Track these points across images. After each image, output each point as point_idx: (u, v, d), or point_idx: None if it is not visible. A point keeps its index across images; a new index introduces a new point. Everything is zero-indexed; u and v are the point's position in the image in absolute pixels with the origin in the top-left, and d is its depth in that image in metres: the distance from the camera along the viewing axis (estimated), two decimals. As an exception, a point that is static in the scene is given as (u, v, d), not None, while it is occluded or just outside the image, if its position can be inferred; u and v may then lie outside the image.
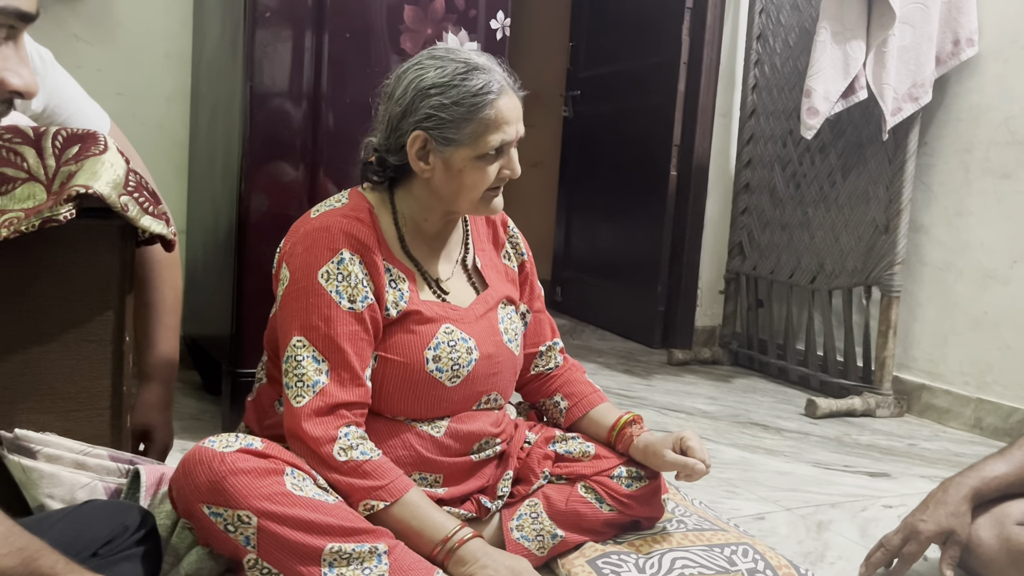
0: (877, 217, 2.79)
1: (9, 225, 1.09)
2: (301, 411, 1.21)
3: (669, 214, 3.52)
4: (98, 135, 1.17)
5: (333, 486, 1.20)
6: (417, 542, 1.21)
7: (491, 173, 1.30)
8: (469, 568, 1.20)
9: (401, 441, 1.31)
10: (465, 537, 1.22)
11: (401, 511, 1.21)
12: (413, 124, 1.28)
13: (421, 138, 1.28)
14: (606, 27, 3.93)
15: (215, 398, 2.33)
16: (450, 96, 1.26)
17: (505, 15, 2.10)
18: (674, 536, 1.47)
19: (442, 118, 1.26)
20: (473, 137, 1.27)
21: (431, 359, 1.31)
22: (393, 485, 1.22)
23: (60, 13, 2.40)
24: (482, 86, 1.26)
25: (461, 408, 1.37)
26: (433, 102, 1.26)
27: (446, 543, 1.21)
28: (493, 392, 1.41)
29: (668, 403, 2.74)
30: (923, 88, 2.64)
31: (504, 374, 1.42)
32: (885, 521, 1.82)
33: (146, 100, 2.55)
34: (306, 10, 1.93)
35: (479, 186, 1.30)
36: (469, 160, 1.28)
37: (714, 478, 2.03)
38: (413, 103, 1.28)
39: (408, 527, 1.21)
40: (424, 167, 1.30)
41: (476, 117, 1.26)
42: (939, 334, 2.80)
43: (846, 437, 2.50)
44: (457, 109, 1.26)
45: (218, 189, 2.18)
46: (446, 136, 1.27)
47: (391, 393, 1.30)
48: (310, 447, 1.20)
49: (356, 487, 1.20)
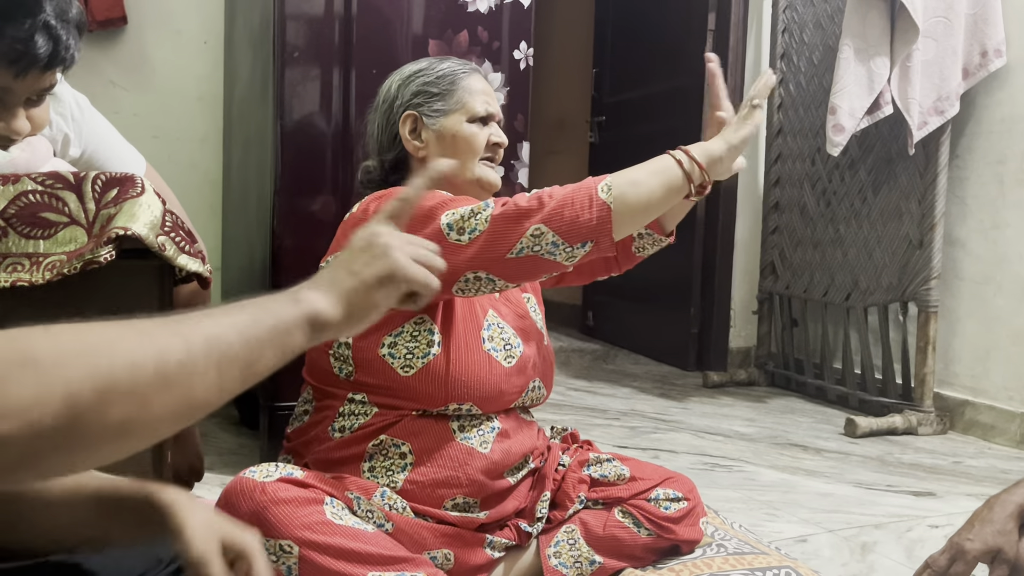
0: (911, 232, 2.76)
1: (52, 268, 1.12)
2: (496, 210, 1.18)
3: (699, 235, 3.51)
4: (135, 178, 1.20)
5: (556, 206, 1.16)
6: (661, 172, 1.25)
7: (482, 137, 1.39)
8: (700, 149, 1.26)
9: (448, 459, 1.31)
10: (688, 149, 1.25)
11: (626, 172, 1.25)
12: (402, 108, 1.40)
13: (411, 117, 1.39)
14: (629, 52, 3.96)
15: (253, 432, 2.35)
16: (431, 74, 1.40)
17: (528, 45, 2.12)
18: (715, 561, 1.46)
19: (429, 92, 1.39)
20: (460, 103, 1.39)
21: (487, 339, 1.33)
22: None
23: (97, 61, 2.48)
24: (457, 66, 1.42)
25: (515, 393, 1.37)
26: (418, 81, 1.40)
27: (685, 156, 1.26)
28: (537, 378, 1.42)
29: (705, 426, 2.72)
30: (948, 101, 2.62)
31: (544, 362, 1.44)
32: (931, 541, 1.78)
33: (180, 142, 2.61)
34: (333, 48, 1.98)
35: (474, 148, 1.38)
36: (460, 124, 1.38)
37: (754, 500, 2.01)
38: (399, 91, 1.41)
39: (643, 176, 1.24)
40: (419, 145, 1.39)
41: (459, 85, 1.39)
42: (980, 349, 2.75)
43: (888, 456, 2.46)
44: (440, 82, 1.39)
45: (251, 226, 2.22)
46: (435, 108, 1.38)
47: (457, 377, 1.29)
48: (515, 205, 1.17)
49: (574, 189, 1.19)
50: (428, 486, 1.29)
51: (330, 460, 1.31)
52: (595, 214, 1.17)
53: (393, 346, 1.29)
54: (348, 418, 1.32)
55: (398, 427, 1.30)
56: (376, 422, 1.30)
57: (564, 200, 1.17)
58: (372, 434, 1.30)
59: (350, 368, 1.31)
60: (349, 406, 1.33)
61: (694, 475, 1.99)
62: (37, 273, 1.13)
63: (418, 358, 1.29)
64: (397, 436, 1.30)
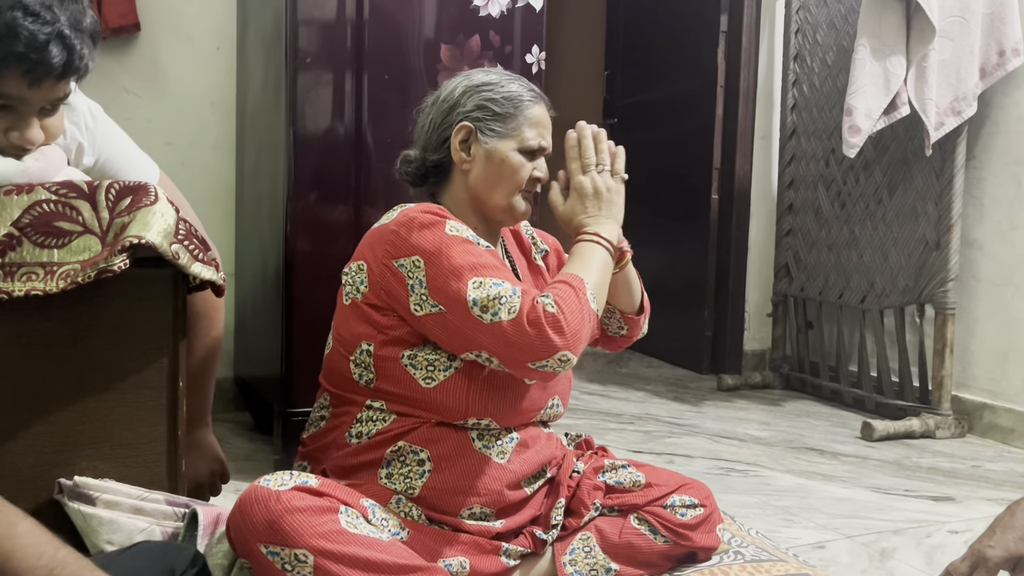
0: (927, 234, 2.73)
1: (66, 277, 1.13)
2: (520, 314, 1.20)
3: (712, 238, 3.49)
4: (148, 186, 1.20)
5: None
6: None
7: (527, 170, 1.37)
8: None
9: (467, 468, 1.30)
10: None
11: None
12: (460, 116, 1.37)
13: (466, 129, 1.36)
14: (641, 55, 3.94)
15: (267, 438, 2.35)
16: (499, 92, 1.37)
17: (540, 49, 2.12)
18: (732, 568, 1.44)
19: (491, 110, 1.36)
20: (517, 130, 1.36)
21: None
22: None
23: (111, 68, 2.49)
24: (525, 91, 1.39)
25: (534, 410, 1.37)
26: (484, 95, 1.37)
27: None
28: (556, 396, 1.42)
29: (720, 430, 2.70)
30: (966, 101, 2.59)
31: (562, 379, 1.43)
32: (951, 547, 1.76)
33: (194, 148, 2.62)
34: (345, 54, 1.98)
35: (516, 180, 1.36)
36: (510, 151, 1.36)
37: (771, 506, 1.99)
38: (462, 98, 1.38)
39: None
40: (465, 158, 1.37)
41: (521, 113, 1.37)
42: (999, 351, 2.72)
43: (906, 460, 2.43)
44: (505, 104, 1.36)
45: (265, 232, 2.22)
46: (492, 128, 1.35)
47: (478, 393, 1.29)
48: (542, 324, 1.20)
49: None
50: (446, 493, 1.29)
51: (347, 466, 1.30)
52: (592, 324, 1.26)
53: (413, 358, 1.29)
54: (366, 424, 1.32)
55: (416, 434, 1.29)
56: (394, 428, 1.30)
57: (578, 319, 1.23)
58: (390, 440, 1.29)
59: (371, 375, 1.31)
60: (367, 412, 1.32)
61: (709, 480, 1.97)
62: (51, 282, 1.13)
63: (439, 371, 1.28)
64: (415, 443, 1.29)
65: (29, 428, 1.17)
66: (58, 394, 1.18)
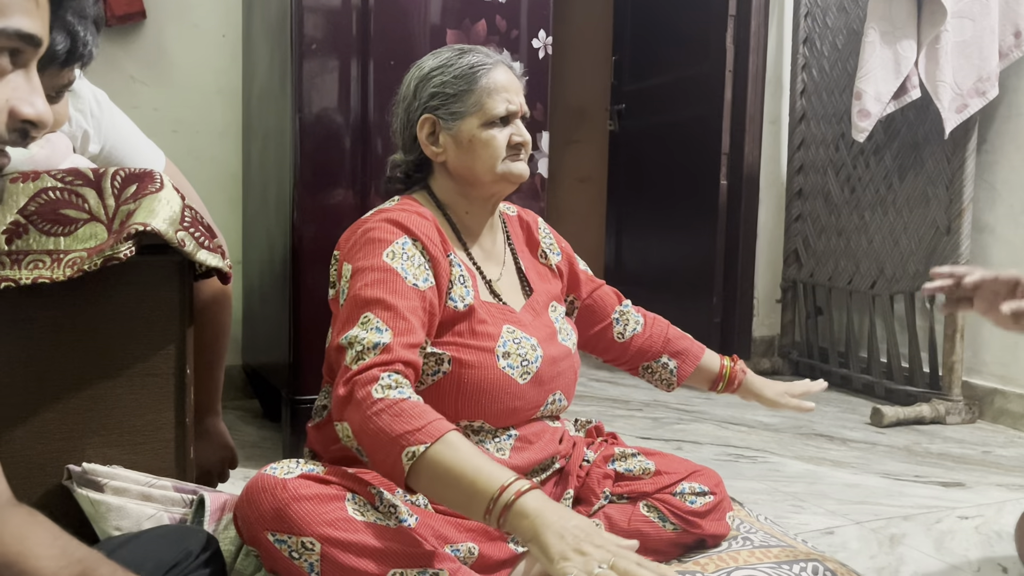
0: (938, 218, 2.71)
1: (73, 265, 1.12)
2: (355, 371, 1.14)
3: (721, 224, 3.47)
4: (154, 174, 1.20)
5: (366, 437, 1.10)
6: (467, 497, 1.05)
7: (501, 140, 1.33)
8: (530, 522, 1.00)
9: None
10: (523, 488, 1.03)
11: (443, 454, 1.05)
12: (420, 110, 1.35)
13: (429, 121, 1.34)
14: (649, 39, 3.91)
15: (275, 425, 2.36)
16: (449, 72, 1.33)
17: (547, 33, 2.10)
18: (740, 554, 1.44)
19: (445, 94, 1.33)
20: (477, 105, 1.32)
21: (501, 355, 1.30)
22: (432, 426, 1.08)
23: (116, 56, 2.49)
24: (477, 61, 1.34)
25: (531, 409, 1.35)
26: (435, 82, 1.34)
27: (502, 493, 1.02)
28: (558, 391, 1.40)
29: (729, 416, 2.70)
30: (989, 82, 2.55)
31: (566, 374, 1.41)
32: (961, 534, 1.75)
33: (200, 135, 2.61)
34: (351, 40, 1.97)
35: (492, 153, 1.33)
36: (476, 129, 1.32)
37: (780, 492, 1.98)
38: (416, 90, 1.36)
39: (455, 476, 1.05)
40: (436, 151, 1.35)
41: (476, 87, 1.32)
42: (1010, 336, 2.70)
43: (916, 446, 2.42)
44: (457, 83, 1.33)
45: (272, 219, 2.22)
46: (451, 111, 1.33)
47: (467, 397, 1.29)
48: (352, 393, 1.12)
49: (390, 430, 1.08)
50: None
51: (348, 456, 1.30)
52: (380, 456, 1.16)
53: None
54: None
55: None
56: None
57: (371, 441, 1.11)
58: None
59: None
60: None
61: (718, 466, 1.97)
62: (58, 270, 1.13)
63: (427, 375, 1.27)
64: None
65: (37, 415, 1.18)
66: (66, 381, 1.18)
